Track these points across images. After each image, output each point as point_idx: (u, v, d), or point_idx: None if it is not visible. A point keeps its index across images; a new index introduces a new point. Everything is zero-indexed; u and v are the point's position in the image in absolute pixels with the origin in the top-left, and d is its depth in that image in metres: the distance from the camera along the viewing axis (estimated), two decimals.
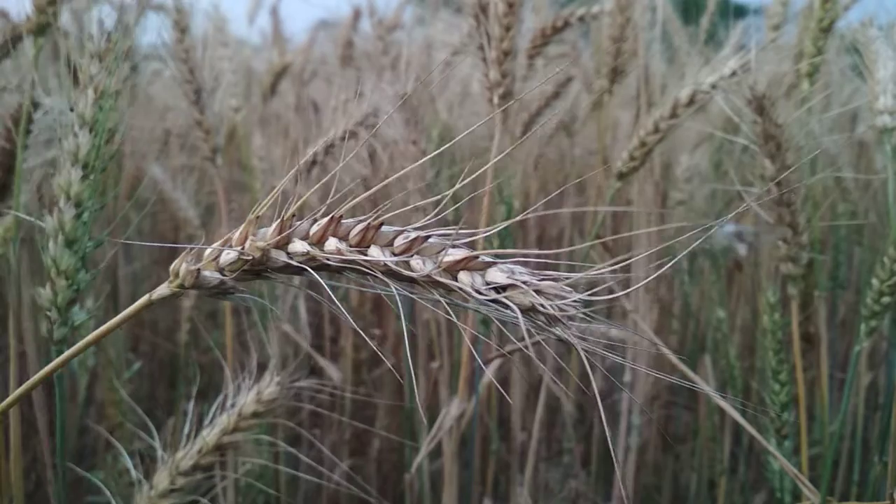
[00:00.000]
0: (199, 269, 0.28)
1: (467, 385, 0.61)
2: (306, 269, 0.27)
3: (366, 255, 0.27)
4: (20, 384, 0.52)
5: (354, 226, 0.27)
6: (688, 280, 0.94)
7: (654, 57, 0.89)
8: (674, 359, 0.56)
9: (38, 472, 0.84)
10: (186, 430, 0.48)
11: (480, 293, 0.26)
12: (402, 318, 0.27)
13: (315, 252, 0.27)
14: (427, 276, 0.26)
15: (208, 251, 0.28)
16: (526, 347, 0.28)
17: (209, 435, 0.47)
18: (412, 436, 0.82)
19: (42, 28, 0.50)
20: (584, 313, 0.27)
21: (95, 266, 0.44)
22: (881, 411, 0.84)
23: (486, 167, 0.30)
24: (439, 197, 0.29)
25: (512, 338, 0.29)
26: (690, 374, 0.56)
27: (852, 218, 0.87)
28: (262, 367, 0.51)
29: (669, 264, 0.30)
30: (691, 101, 0.57)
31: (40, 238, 0.42)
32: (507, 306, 0.26)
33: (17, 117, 0.53)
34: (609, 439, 0.54)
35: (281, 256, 0.28)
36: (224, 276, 0.28)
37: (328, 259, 0.27)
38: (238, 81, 0.87)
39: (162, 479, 0.47)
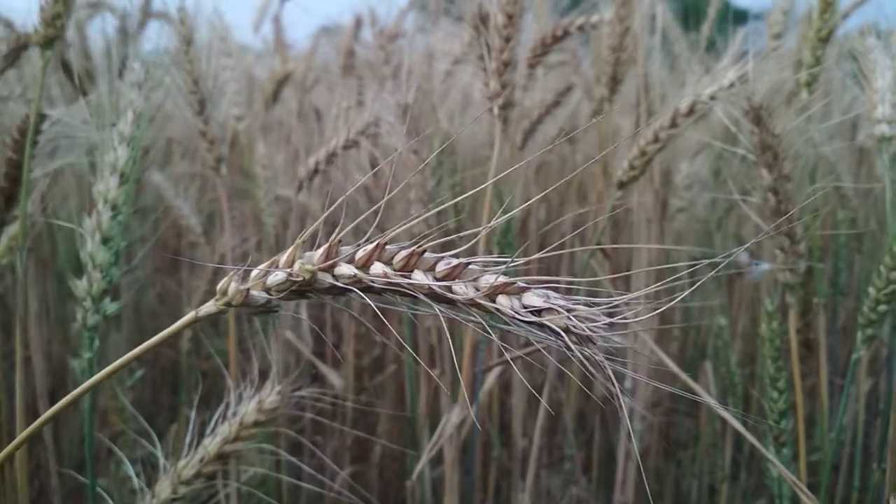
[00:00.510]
0: (248, 290, 0.30)
1: (468, 392, 0.62)
2: (353, 291, 0.29)
3: (410, 279, 0.29)
4: (26, 390, 0.52)
5: (398, 251, 0.29)
6: (688, 288, 0.94)
7: (654, 65, 0.90)
8: (674, 368, 0.56)
9: (42, 480, 0.84)
10: (188, 438, 0.49)
11: (519, 315, 0.28)
12: (412, 328, 0.28)
13: (362, 275, 0.29)
14: (470, 299, 0.28)
15: (255, 272, 0.30)
16: (528, 357, 0.29)
17: (211, 444, 0.47)
18: (414, 443, 0.82)
19: (49, 41, 0.51)
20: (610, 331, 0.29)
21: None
22: (881, 417, 0.84)
23: (485, 181, 0.31)
24: (441, 205, 0.31)
25: (509, 348, 0.31)
26: (691, 383, 0.57)
27: (852, 225, 0.88)
28: (263, 375, 0.52)
29: (672, 279, 0.31)
30: (691, 112, 0.58)
31: (79, 238, 0.48)
32: (546, 328, 0.28)
33: (24, 128, 0.54)
34: (609, 446, 0.54)
35: (327, 279, 0.29)
36: (271, 295, 0.30)
37: (374, 282, 0.29)
38: (241, 90, 0.87)
39: (164, 488, 0.48)
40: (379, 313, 0.29)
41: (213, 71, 0.72)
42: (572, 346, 0.28)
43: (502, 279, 0.28)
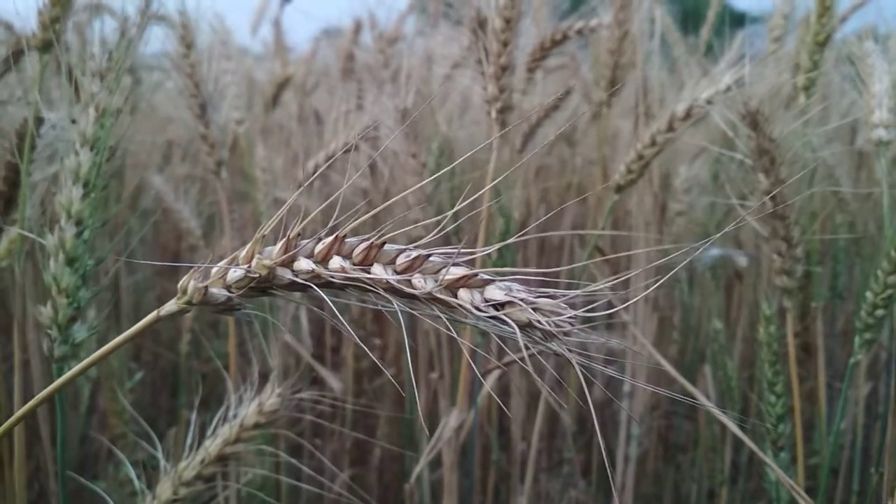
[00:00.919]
0: (206, 287, 0.29)
1: (466, 396, 0.62)
2: (311, 287, 0.28)
3: (369, 272, 0.28)
4: (24, 393, 0.52)
5: (357, 244, 0.28)
6: (687, 290, 0.95)
7: (652, 68, 0.90)
8: (672, 371, 0.56)
9: (41, 482, 0.84)
10: (189, 440, 0.49)
11: (479, 310, 0.27)
12: (403, 329, 0.28)
13: (320, 270, 0.28)
14: (428, 293, 0.27)
15: (215, 269, 0.29)
16: (524, 360, 0.29)
17: (211, 445, 0.48)
18: (413, 445, 0.82)
19: (47, 45, 0.51)
20: (582, 326, 0.27)
21: (97, 279, 0.45)
22: (880, 421, 0.84)
23: (483, 186, 0.31)
24: (439, 213, 0.30)
25: (508, 351, 0.30)
26: (689, 387, 0.57)
27: (851, 229, 0.88)
28: (263, 377, 0.52)
29: (666, 277, 0.31)
30: (687, 115, 0.58)
31: (41, 257, 0.42)
32: (506, 322, 0.27)
33: (22, 133, 0.54)
34: (608, 449, 0.54)
35: (286, 274, 0.28)
36: (231, 293, 0.29)
37: (332, 277, 0.28)
38: (241, 93, 0.88)
39: (164, 489, 0.48)
40: (385, 315, 0.28)
41: (213, 74, 0.72)
42: (539, 342, 0.26)
43: (462, 271, 0.27)
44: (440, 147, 0.70)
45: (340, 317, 0.28)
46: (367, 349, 0.35)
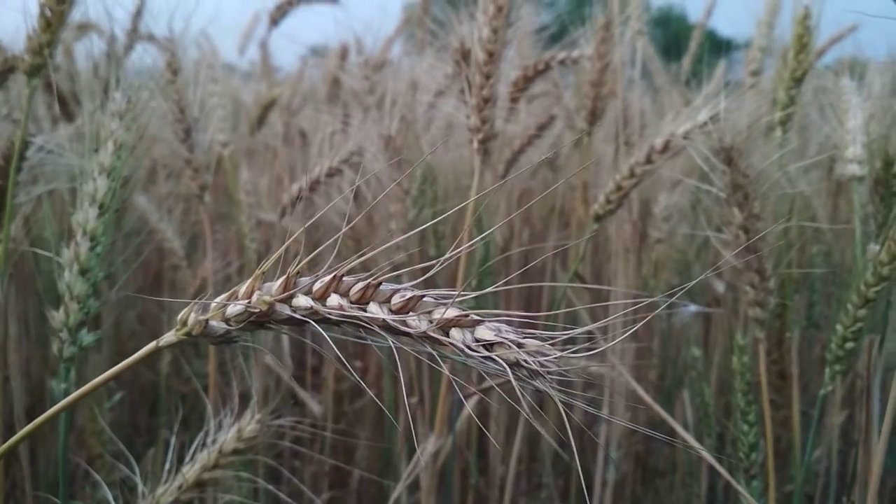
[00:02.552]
0: (206, 320, 0.30)
1: (444, 421, 0.62)
2: (309, 322, 0.29)
3: (366, 311, 0.29)
4: (4, 410, 0.52)
5: (355, 283, 0.29)
6: (665, 317, 0.96)
7: (635, 96, 0.91)
8: (648, 400, 0.57)
9: (17, 499, 0.84)
10: (167, 464, 0.49)
11: (471, 349, 0.28)
12: (390, 361, 0.29)
13: (318, 307, 0.29)
14: (423, 332, 0.29)
15: (215, 303, 0.30)
16: (502, 388, 0.30)
17: (189, 471, 0.48)
18: (392, 468, 0.82)
19: (36, 69, 0.51)
20: (564, 354, 0.29)
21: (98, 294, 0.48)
22: (854, 449, 0.85)
23: (466, 212, 0.32)
24: (423, 239, 0.31)
25: (486, 377, 0.31)
26: (665, 415, 0.58)
27: (827, 258, 0.89)
28: (244, 398, 0.52)
29: (644, 320, 0.32)
30: (665, 149, 0.59)
31: (56, 268, 0.47)
32: (495, 361, 0.28)
33: (8, 155, 0.54)
34: (587, 473, 0.55)
35: (285, 310, 0.29)
36: (230, 325, 0.30)
37: (330, 314, 0.29)
38: (227, 116, 0.88)
39: None
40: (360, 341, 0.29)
41: (199, 97, 0.73)
42: (522, 379, 0.28)
43: (454, 312, 0.28)
44: (423, 174, 0.71)
45: (331, 343, 0.29)
46: (349, 369, 0.35)
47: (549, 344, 0.28)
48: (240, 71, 1.61)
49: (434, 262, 0.30)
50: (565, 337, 0.29)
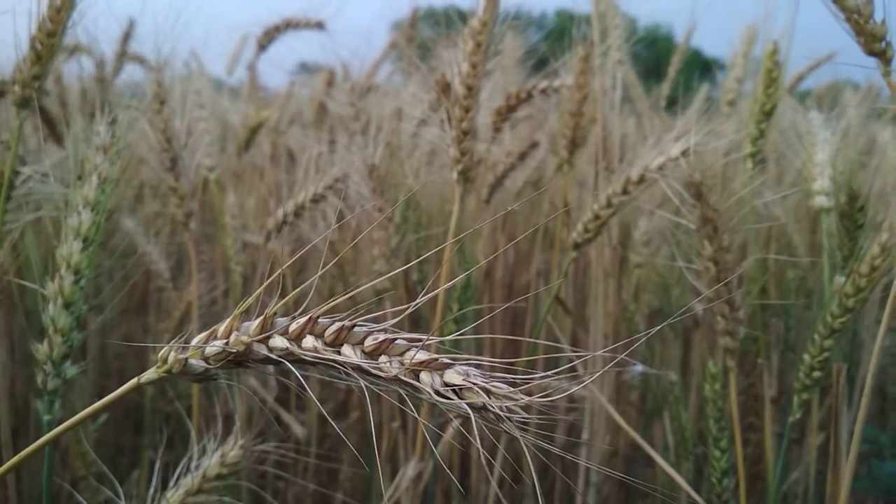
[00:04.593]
0: (186, 359, 0.31)
1: (424, 447, 0.63)
2: (284, 362, 0.30)
3: (340, 353, 0.30)
4: None
5: (330, 325, 0.30)
6: (644, 342, 0.97)
7: (615, 122, 0.93)
8: (625, 426, 0.58)
9: None
10: (152, 487, 0.50)
11: (439, 393, 0.29)
12: (367, 397, 0.30)
13: (294, 348, 0.30)
14: (394, 377, 0.30)
15: (194, 342, 0.31)
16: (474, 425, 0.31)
17: (173, 497, 0.49)
18: (375, 491, 0.83)
19: (25, 101, 0.53)
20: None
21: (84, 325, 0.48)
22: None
23: (449, 238, 0.33)
24: (406, 263, 0.32)
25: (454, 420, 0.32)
26: (640, 441, 0.59)
27: (801, 284, 0.91)
28: (227, 419, 0.53)
29: (620, 357, 0.33)
30: (641, 181, 0.61)
31: (41, 301, 0.48)
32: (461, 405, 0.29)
33: None
34: (569, 496, 0.56)
35: (262, 350, 0.30)
36: (209, 364, 0.31)
37: (305, 355, 0.30)
38: (213, 140, 0.90)
39: None
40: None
41: (186, 123, 0.74)
42: (488, 422, 0.29)
43: (425, 356, 0.29)
44: (406, 201, 0.72)
45: (307, 388, 0.30)
46: (323, 411, 0.36)
47: (522, 386, 0.30)
48: (228, 87, 1.62)
49: (414, 301, 0.31)
50: (540, 380, 0.30)
